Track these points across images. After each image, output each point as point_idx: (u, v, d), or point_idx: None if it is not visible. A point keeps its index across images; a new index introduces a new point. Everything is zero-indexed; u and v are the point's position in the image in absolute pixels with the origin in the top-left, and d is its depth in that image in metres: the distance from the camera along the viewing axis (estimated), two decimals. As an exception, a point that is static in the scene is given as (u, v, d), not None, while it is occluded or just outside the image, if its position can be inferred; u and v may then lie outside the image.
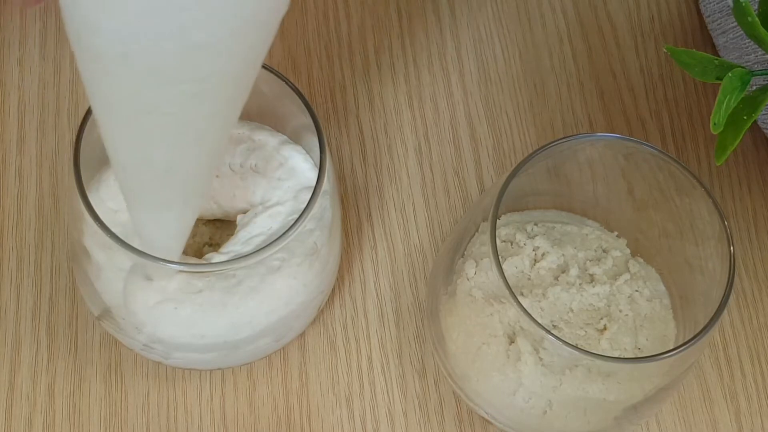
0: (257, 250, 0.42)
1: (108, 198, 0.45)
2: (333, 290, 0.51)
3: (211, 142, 0.38)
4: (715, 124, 0.41)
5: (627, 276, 0.48)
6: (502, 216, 0.50)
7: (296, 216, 0.43)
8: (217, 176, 0.47)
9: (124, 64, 0.33)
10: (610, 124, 0.58)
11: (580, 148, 0.46)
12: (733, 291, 0.43)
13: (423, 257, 0.54)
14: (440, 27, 0.60)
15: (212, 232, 0.49)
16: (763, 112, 0.54)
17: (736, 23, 0.53)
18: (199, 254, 0.47)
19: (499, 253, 0.42)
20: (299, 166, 0.47)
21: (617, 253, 0.49)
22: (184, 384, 0.50)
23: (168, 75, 0.34)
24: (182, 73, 0.34)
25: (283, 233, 0.42)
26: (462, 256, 0.46)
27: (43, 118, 0.56)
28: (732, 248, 0.43)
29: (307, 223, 0.43)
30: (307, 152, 0.47)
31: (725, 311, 0.42)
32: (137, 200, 0.40)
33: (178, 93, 0.34)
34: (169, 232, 0.41)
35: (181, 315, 0.44)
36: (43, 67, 0.57)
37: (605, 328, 0.46)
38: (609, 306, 0.47)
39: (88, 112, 0.42)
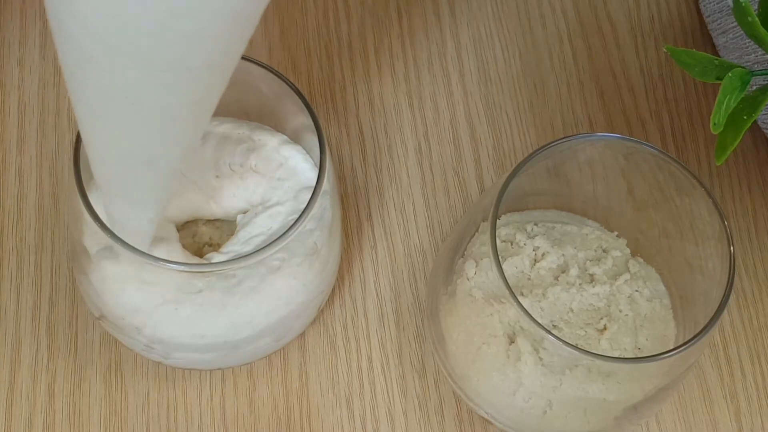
0: (257, 250, 0.42)
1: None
2: (333, 290, 0.51)
3: (191, 133, 0.38)
4: (715, 124, 0.41)
5: (627, 276, 0.48)
6: (502, 216, 0.50)
7: (296, 216, 0.43)
8: (217, 176, 0.47)
9: (108, 54, 0.33)
10: (610, 124, 0.58)
11: (580, 148, 0.46)
12: (733, 291, 0.43)
13: (423, 257, 0.54)
14: (440, 27, 0.60)
15: (212, 232, 0.49)
16: (763, 112, 0.54)
17: (736, 23, 0.53)
18: (199, 254, 0.47)
19: (499, 253, 0.42)
20: (299, 166, 0.47)
21: (617, 253, 0.49)
22: (184, 384, 0.50)
23: (153, 65, 0.34)
24: (168, 63, 0.34)
25: (283, 233, 0.42)
26: (462, 256, 0.46)
27: (43, 118, 0.56)
28: (732, 248, 0.43)
29: (307, 223, 0.43)
30: (307, 152, 0.47)
31: (725, 311, 0.42)
32: (113, 190, 0.40)
33: (162, 83, 0.34)
34: (142, 220, 0.41)
35: (181, 315, 0.44)
36: (43, 67, 0.57)
37: (605, 328, 0.46)
38: (609, 306, 0.47)
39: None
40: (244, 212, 0.47)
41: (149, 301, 0.44)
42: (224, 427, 0.49)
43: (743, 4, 0.41)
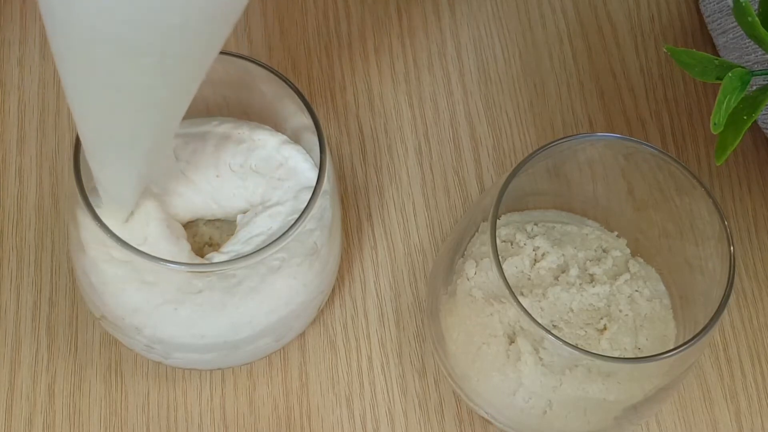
0: (257, 250, 0.42)
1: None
2: (333, 290, 0.51)
3: (169, 118, 0.40)
4: (715, 124, 0.41)
5: (627, 276, 0.48)
6: (502, 216, 0.50)
7: (296, 216, 0.43)
8: (217, 176, 0.47)
9: (95, 42, 0.35)
10: (610, 124, 0.58)
11: (580, 148, 0.46)
12: (733, 291, 0.43)
13: (423, 257, 0.54)
14: (440, 27, 0.60)
15: (212, 232, 0.49)
16: (763, 112, 0.54)
17: (736, 23, 0.53)
18: (200, 254, 0.47)
19: (499, 253, 0.42)
20: (299, 166, 0.47)
21: (617, 253, 0.49)
22: (184, 384, 0.50)
23: (137, 55, 0.35)
24: (151, 53, 0.35)
25: (284, 233, 0.42)
26: (462, 256, 0.46)
27: (43, 118, 0.56)
28: (732, 248, 0.43)
29: (307, 223, 0.43)
30: (307, 152, 0.47)
31: (725, 311, 0.42)
32: (97, 161, 0.42)
33: (144, 72, 0.36)
34: (125, 188, 0.43)
35: (181, 315, 0.44)
36: (43, 67, 0.57)
37: (605, 328, 0.46)
38: (609, 306, 0.47)
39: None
40: (244, 212, 0.47)
41: (149, 301, 0.44)
42: (224, 427, 0.49)
43: (743, 4, 0.41)
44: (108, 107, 0.38)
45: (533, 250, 0.48)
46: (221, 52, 0.39)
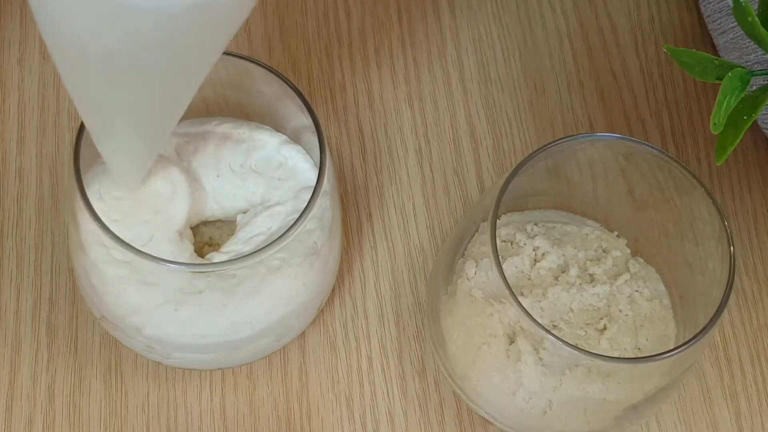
0: (258, 250, 0.42)
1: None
2: (333, 290, 0.51)
3: (166, 119, 0.41)
4: (715, 124, 0.41)
5: (627, 276, 0.48)
6: (502, 216, 0.50)
7: (296, 216, 0.43)
8: (217, 176, 0.47)
9: (86, 60, 0.36)
10: (610, 124, 0.58)
11: (580, 148, 0.46)
12: (733, 291, 0.43)
13: (423, 257, 0.54)
14: (440, 27, 0.60)
15: (212, 232, 0.49)
16: (763, 112, 0.54)
17: (736, 23, 0.53)
18: (200, 254, 0.47)
19: (499, 253, 0.42)
20: (299, 166, 0.47)
21: (617, 253, 0.49)
22: (184, 384, 0.50)
23: (126, 69, 0.36)
24: (140, 68, 0.36)
25: (284, 233, 0.42)
26: (462, 256, 0.46)
27: (43, 118, 0.56)
28: (732, 248, 0.43)
29: (307, 223, 0.43)
30: (307, 152, 0.48)
31: (725, 311, 0.42)
32: (101, 149, 0.43)
33: (133, 85, 0.37)
34: (129, 172, 0.44)
35: (181, 315, 0.44)
36: (43, 67, 0.57)
37: (605, 328, 0.46)
38: (609, 306, 0.47)
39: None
40: (244, 212, 0.47)
41: (149, 301, 0.44)
42: (224, 427, 0.49)
43: (743, 4, 0.41)
44: (102, 109, 0.39)
45: (533, 250, 0.48)
46: (221, 52, 0.39)
